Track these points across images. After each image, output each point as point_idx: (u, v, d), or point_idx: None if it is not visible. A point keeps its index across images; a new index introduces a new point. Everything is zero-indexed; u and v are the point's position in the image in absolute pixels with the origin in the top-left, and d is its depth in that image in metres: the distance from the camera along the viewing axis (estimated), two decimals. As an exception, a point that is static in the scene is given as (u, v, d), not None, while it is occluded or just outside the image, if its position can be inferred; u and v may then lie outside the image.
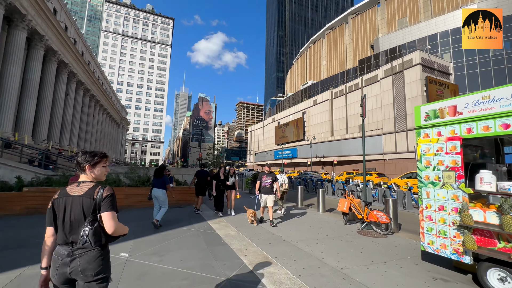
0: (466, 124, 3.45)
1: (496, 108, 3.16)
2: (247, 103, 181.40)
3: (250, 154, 78.67)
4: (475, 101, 3.38)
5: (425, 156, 3.93)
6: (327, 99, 48.10)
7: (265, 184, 6.76)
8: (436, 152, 3.78)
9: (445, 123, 3.70)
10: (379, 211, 6.03)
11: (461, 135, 3.50)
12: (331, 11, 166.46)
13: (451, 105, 3.64)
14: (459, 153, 3.50)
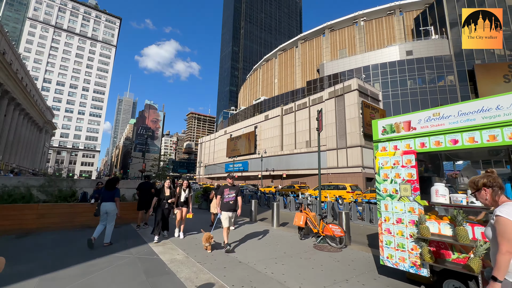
0: (419, 138, 3.62)
1: (446, 125, 3.38)
2: (198, 114, 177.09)
3: (200, 167, 75.70)
4: (427, 117, 3.58)
5: (383, 169, 4.00)
6: (278, 115, 50.28)
7: (227, 199, 5.63)
8: (393, 165, 3.87)
9: (400, 137, 3.84)
10: (334, 225, 6.03)
11: (415, 149, 3.66)
12: (283, 34, 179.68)
13: (406, 121, 3.82)
14: (414, 166, 3.64)
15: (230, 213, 5.58)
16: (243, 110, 71.51)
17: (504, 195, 1.85)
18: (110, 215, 5.74)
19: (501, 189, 1.85)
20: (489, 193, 1.87)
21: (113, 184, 5.98)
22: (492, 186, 1.86)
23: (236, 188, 5.74)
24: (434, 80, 40.21)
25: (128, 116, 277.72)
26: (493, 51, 39.53)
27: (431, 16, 45.31)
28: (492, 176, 1.90)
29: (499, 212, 1.70)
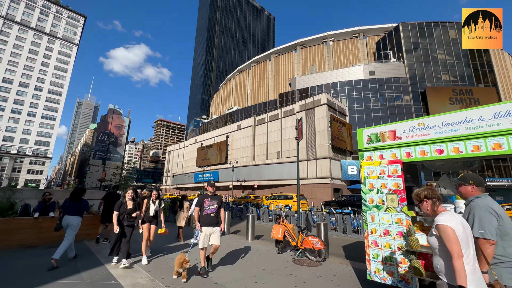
0: (405, 148, 3.60)
1: (431, 135, 3.39)
2: (167, 122, 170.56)
3: (167, 176, 71.93)
4: (412, 127, 3.59)
5: (369, 179, 3.90)
6: (251, 125, 50.43)
7: (208, 211, 4.71)
8: (379, 175, 3.79)
9: (386, 147, 3.79)
10: (314, 237, 5.81)
11: (401, 159, 3.62)
12: (256, 47, 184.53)
13: (391, 130, 3.80)
14: (401, 176, 3.59)
15: (211, 229, 4.66)
16: (215, 119, 70.53)
17: (441, 205, 2.06)
18: (70, 229, 5.26)
19: (439, 200, 2.08)
20: (430, 204, 2.08)
21: (80, 195, 5.70)
22: (431, 197, 2.08)
23: (218, 198, 4.86)
24: (393, 99, 44.11)
25: (88, 121, 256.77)
26: (440, 76, 44.90)
27: (390, 42, 50.27)
28: (431, 189, 2.12)
29: (438, 221, 1.91)
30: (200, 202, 4.82)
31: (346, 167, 38.94)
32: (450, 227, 1.83)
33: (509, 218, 2.16)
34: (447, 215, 1.93)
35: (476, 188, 2.31)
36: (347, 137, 41.02)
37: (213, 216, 4.71)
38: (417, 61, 45.80)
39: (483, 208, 2.15)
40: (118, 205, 5.23)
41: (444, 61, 45.56)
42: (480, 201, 2.21)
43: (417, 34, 47.52)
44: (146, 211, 5.55)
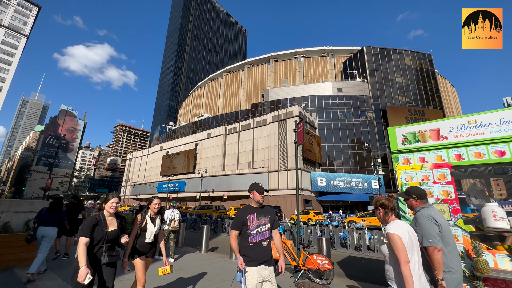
0: (454, 149, 3.06)
1: (486, 134, 2.89)
2: (129, 127, 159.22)
3: (126, 186, 65.76)
4: (461, 125, 3.07)
5: (407, 186, 3.25)
6: (222, 134, 49.06)
7: (257, 236, 2.69)
8: (421, 182, 3.18)
9: (429, 148, 3.22)
10: (319, 255, 4.99)
11: (449, 162, 3.06)
12: (228, 58, 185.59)
13: (434, 128, 3.25)
14: (451, 183, 3.00)
15: (264, 269, 2.65)
16: (184, 126, 67.49)
17: (393, 215, 2.20)
18: (46, 241, 5.08)
19: (392, 211, 2.21)
20: (382, 213, 2.23)
21: (60, 206, 5.48)
22: (385, 208, 2.21)
23: (270, 212, 2.85)
24: (358, 115, 47.00)
25: (34, 122, 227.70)
26: (398, 97, 49.41)
27: (355, 63, 54.23)
28: (389, 200, 2.24)
29: (388, 229, 2.06)
30: (240, 220, 2.73)
31: (315, 178, 39.66)
32: (397, 235, 1.98)
33: (449, 228, 2.39)
34: (395, 224, 2.08)
35: (419, 201, 2.54)
36: (317, 149, 42.10)
37: (266, 246, 2.67)
38: (378, 82, 49.89)
39: (425, 217, 2.36)
40: (90, 224, 2.80)
41: (401, 84, 50.42)
42: (423, 211, 2.43)
43: (378, 57, 52.09)
44: (139, 236, 3.36)
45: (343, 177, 40.90)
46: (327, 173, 41.38)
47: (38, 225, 5.19)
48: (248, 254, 2.61)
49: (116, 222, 3.07)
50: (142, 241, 3.36)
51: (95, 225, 2.84)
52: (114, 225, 3.02)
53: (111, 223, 3.01)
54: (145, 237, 3.37)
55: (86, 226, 2.79)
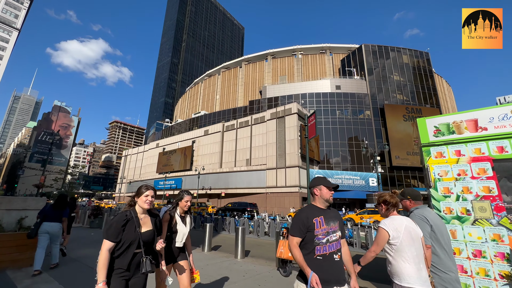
0: (495, 141, 2.79)
1: (533, 124, 2.62)
2: (124, 124, 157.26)
3: (122, 183, 64.93)
4: (503, 115, 2.81)
5: (441, 181, 2.99)
6: (219, 131, 48.60)
7: (326, 247, 1.99)
8: (458, 177, 2.91)
9: (466, 140, 2.94)
10: (334, 255, 4.71)
11: (490, 155, 2.79)
12: (224, 55, 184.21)
13: (470, 119, 2.98)
14: (492, 178, 2.74)
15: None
16: (180, 123, 66.75)
17: (395, 211, 2.25)
18: (55, 236, 5.31)
19: (393, 207, 2.26)
20: (384, 209, 2.29)
21: (64, 203, 5.58)
22: (388, 204, 2.26)
23: (337, 215, 2.19)
24: (356, 112, 46.97)
25: (26, 118, 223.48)
26: (395, 95, 49.49)
27: (354, 60, 54.09)
28: (393, 196, 2.28)
29: (381, 224, 2.16)
30: (305, 224, 2.03)
31: (313, 176, 39.54)
32: (385, 231, 2.10)
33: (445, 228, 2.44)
34: (390, 220, 2.15)
35: (413, 202, 2.60)
36: (315, 147, 41.99)
37: (338, 260, 2.03)
38: (376, 80, 49.87)
39: (417, 217, 2.44)
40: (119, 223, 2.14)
41: (399, 82, 50.50)
42: (417, 211, 2.50)
43: (376, 55, 52.02)
44: (169, 239, 2.83)
45: (341, 175, 40.92)
46: (325, 171, 41.35)
47: (42, 220, 5.21)
48: (317, 269, 1.90)
49: (151, 221, 2.37)
50: (173, 244, 2.81)
51: (125, 225, 2.15)
52: (149, 225, 2.33)
53: (145, 222, 2.31)
54: (176, 241, 2.81)
55: (113, 225, 2.09)
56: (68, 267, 5.55)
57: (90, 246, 8.09)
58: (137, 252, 2.16)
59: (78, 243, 8.47)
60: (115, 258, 2.10)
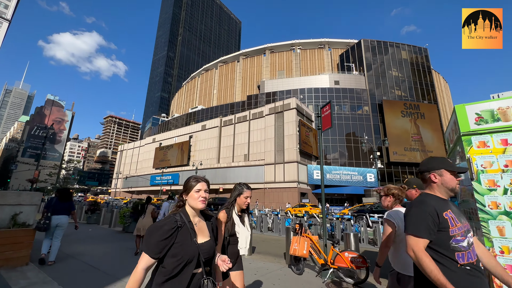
0: (549, 129, 2.50)
1: None
2: (119, 119, 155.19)
3: (118, 178, 64.20)
4: (557, 100, 2.52)
5: (485, 173, 2.72)
6: (217, 125, 48.11)
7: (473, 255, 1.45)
8: (505, 168, 2.64)
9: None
10: (351, 252, 4.48)
11: (543, 145, 2.51)
12: (221, 49, 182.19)
13: (519, 104, 2.69)
14: (546, 169, 2.46)
15: None
16: (177, 118, 65.94)
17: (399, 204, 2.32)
18: (60, 229, 5.47)
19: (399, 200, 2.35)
20: (392, 202, 2.36)
21: (69, 195, 5.77)
22: (396, 197, 2.34)
23: (460, 210, 1.78)
24: (355, 108, 46.85)
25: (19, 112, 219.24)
26: (394, 91, 49.43)
27: (352, 56, 53.76)
28: (402, 190, 2.36)
29: (386, 215, 2.23)
30: (435, 220, 1.46)
31: (312, 171, 39.51)
32: (392, 222, 2.14)
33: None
34: (395, 212, 2.18)
35: (418, 191, 2.47)
36: (313, 142, 41.86)
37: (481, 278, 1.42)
38: (375, 75, 49.70)
39: None
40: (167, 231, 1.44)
41: (397, 78, 50.41)
42: None
43: (375, 50, 51.75)
44: (228, 245, 2.29)
45: (339, 170, 40.95)
46: (324, 166, 41.26)
47: (52, 214, 5.41)
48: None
49: (207, 226, 1.69)
50: (234, 250, 2.29)
51: (174, 234, 1.46)
52: (206, 233, 1.65)
53: (200, 228, 1.63)
54: (240, 247, 2.31)
55: (157, 234, 1.43)
56: (66, 264, 5.22)
57: (87, 242, 7.76)
58: (195, 272, 1.49)
59: (75, 238, 8.12)
60: (163, 283, 1.41)
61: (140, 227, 6.67)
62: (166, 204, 7.30)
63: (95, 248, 6.87)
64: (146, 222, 6.68)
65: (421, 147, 44.65)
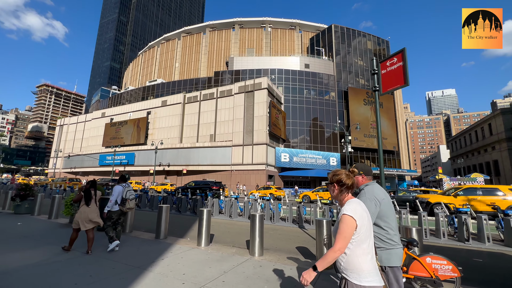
0: None
1: None
2: (58, 88, 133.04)
3: (57, 157, 55.27)
4: None
5: None
6: (180, 102, 43.93)
7: None
8: None
9: None
10: (436, 257, 3.27)
11: None
12: (182, 20, 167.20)
13: None
14: None
15: None
16: (131, 91, 58.60)
17: (350, 194, 1.85)
18: None
19: (348, 189, 1.85)
20: (337, 190, 1.86)
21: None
22: (342, 185, 1.84)
23: None
24: (322, 93, 47.45)
25: None
26: (358, 79, 51.42)
27: (323, 40, 53.71)
28: (349, 176, 1.87)
29: (344, 210, 1.72)
30: None
31: (279, 154, 39.27)
32: (353, 220, 1.66)
33: (391, 204, 2.27)
34: (354, 204, 1.75)
35: (365, 177, 2.39)
36: (282, 125, 41.35)
37: None
38: (342, 62, 50.73)
39: (367, 197, 2.22)
40: None
41: (362, 66, 52.39)
42: (367, 189, 2.30)
43: (344, 37, 52.50)
44: None
45: (305, 154, 41.59)
46: (291, 149, 41.42)
47: None
48: None
49: None
50: None
51: None
52: None
53: None
54: None
55: None
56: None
57: (15, 245, 5.23)
58: None
59: (-6, 241, 5.47)
60: None
61: (83, 218, 4.87)
62: (118, 188, 5.33)
63: (30, 256, 4.51)
64: (92, 212, 4.96)
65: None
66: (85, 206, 4.98)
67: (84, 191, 5.12)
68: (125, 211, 5.36)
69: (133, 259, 4.58)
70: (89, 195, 5.06)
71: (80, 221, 4.83)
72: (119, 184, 5.44)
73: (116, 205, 5.27)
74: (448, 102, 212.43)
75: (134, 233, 6.83)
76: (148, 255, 4.87)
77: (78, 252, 4.86)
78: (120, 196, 5.30)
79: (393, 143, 49.89)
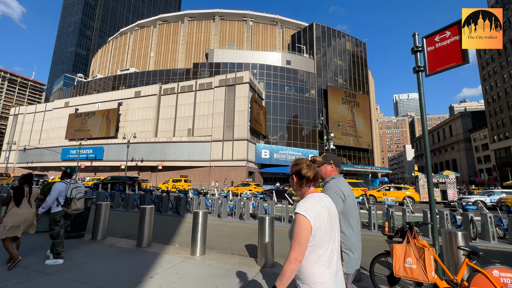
0: None
1: None
2: (12, 74, 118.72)
3: (9, 150, 49.08)
4: None
5: None
6: (155, 93, 41.23)
7: None
8: None
9: None
10: (505, 269, 2.70)
11: None
12: (157, 9, 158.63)
13: None
14: None
15: None
16: (100, 80, 53.91)
17: (312, 187, 1.56)
18: None
19: (310, 182, 1.55)
20: (296, 182, 1.58)
21: None
22: (301, 177, 1.54)
23: None
24: (303, 90, 47.67)
25: None
26: (337, 78, 52.50)
27: (304, 38, 53.88)
28: (310, 167, 1.56)
29: (297, 208, 1.41)
30: None
31: (260, 150, 38.68)
32: (307, 221, 1.35)
33: (354, 201, 2.14)
34: (311, 200, 1.43)
35: (334, 168, 2.24)
36: (263, 121, 40.75)
37: None
38: (323, 60, 51.38)
39: (334, 191, 2.04)
40: None
41: (340, 66, 53.57)
42: (333, 182, 2.13)
43: (325, 36, 53.16)
44: None
45: (285, 150, 41.50)
46: (271, 146, 41.04)
47: None
48: None
49: None
50: None
51: None
52: None
53: None
54: None
55: None
56: None
57: None
58: None
59: None
60: None
61: (16, 222, 3.84)
62: (60, 185, 4.21)
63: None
64: (25, 214, 3.97)
65: (354, 133, 49.59)
66: (15, 207, 3.87)
67: (15, 188, 3.93)
68: (70, 213, 4.25)
69: (110, 279, 3.48)
70: (21, 193, 3.92)
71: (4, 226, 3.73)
72: (62, 181, 4.30)
73: (58, 206, 4.14)
74: (413, 105, 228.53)
75: (108, 240, 5.62)
76: (130, 271, 3.79)
77: (30, 270, 3.62)
78: (62, 195, 4.19)
79: (368, 141, 51.93)
